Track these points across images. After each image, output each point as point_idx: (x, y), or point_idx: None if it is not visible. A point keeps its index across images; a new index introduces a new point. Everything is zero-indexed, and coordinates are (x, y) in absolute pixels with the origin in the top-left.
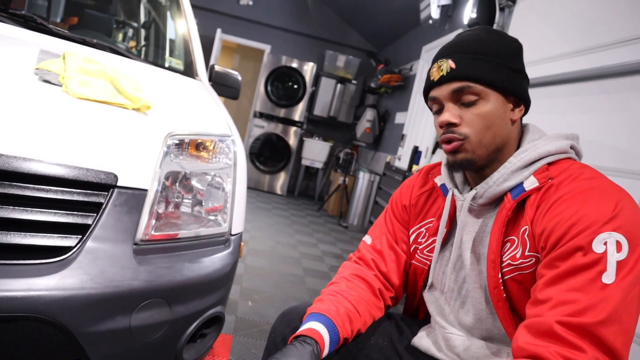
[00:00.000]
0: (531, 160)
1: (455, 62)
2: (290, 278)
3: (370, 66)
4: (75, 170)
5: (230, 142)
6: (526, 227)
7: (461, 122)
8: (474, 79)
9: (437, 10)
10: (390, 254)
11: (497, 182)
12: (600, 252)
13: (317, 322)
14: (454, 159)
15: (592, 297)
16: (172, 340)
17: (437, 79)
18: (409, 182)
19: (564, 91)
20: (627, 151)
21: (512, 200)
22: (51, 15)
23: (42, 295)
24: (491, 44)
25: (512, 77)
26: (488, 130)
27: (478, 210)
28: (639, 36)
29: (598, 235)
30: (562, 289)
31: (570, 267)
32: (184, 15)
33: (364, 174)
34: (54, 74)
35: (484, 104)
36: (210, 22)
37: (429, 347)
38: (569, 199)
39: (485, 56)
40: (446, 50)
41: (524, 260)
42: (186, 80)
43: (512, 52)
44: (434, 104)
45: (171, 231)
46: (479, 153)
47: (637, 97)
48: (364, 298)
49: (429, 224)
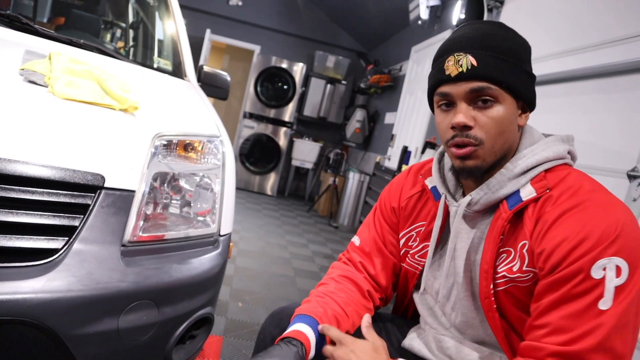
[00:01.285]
0: (529, 167)
1: (476, 59)
2: (281, 279)
3: (360, 67)
4: (62, 171)
5: (219, 142)
6: (525, 242)
7: (475, 125)
8: (495, 80)
9: (426, 11)
10: (378, 257)
11: (494, 189)
12: (599, 278)
13: (304, 324)
14: (462, 164)
15: (586, 324)
16: (161, 341)
17: (455, 74)
18: (398, 182)
19: (553, 91)
20: (617, 151)
21: (509, 210)
22: (37, 15)
23: (28, 298)
24: (511, 42)
25: (527, 81)
26: (501, 136)
27: (472, 216)
28: (627, 36)
29: (598, 262)
30: (558, 316)
31: (568, 293)
32: (172, 15)
33: (354, 174)
34: (40, 74)
35: (499, 107)
36: (200, 22)
37: (420, 348)
38: (570, 217)
39: (506, 56)
40: (463, 43)
41: (522, 275)
42: (174, 81)
43: (527, 53)
44: (442, 99)
45: (159, 232)
46: (488, 160)
47: (626, 96)
48: (352, 299)
49: (420, 228)
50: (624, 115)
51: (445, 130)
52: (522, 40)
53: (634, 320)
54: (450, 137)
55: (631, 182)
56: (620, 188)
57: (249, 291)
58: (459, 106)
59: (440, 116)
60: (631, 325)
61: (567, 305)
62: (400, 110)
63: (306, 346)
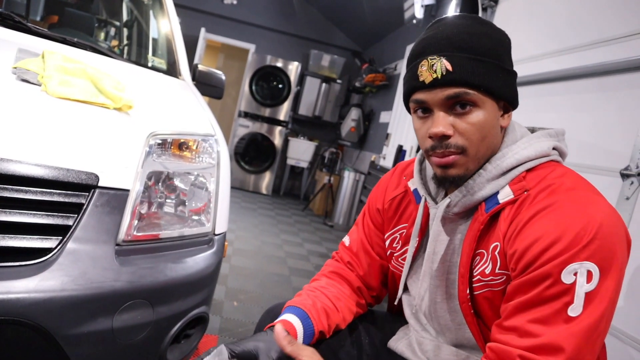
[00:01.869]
0: (508, 167)
1: (451, 64)
2: (276, 278)
3: (355, 65)
4: (55, 170)
5: (214, 141)
6: (497, 244)
7: (454, 132)
8: (472, 84)
9: (421, 10)
10: (366, 258)
11: (472, 191)
12: (569, 283)
13: (292, 315)
14: (444, 174)
15: (555, 331)
16: (155, 341)
17: (430, 81)
18: (383, 182)
19: (546, 91)
20: (610, 149)
21: (485, 213)
22: (30, 13)
23: (21, 298)
24: (487, 40)
25: (507, 81)
26: (483, 141)
27: (452, 219)
28: (620, 35)
29: (568, 266)
30: (527, 319)
31: (537, 297)
32: (166, 14)
33: (349, 173)
34: (33, 73)
35: (478, 112)
36: (194, 21)
37: (404, 350)
38: (544, 217)
39: (482, 56)
40: (436, 45)
41: (495, 277)
42: (169, 79)
43: (506, 49)
44: (418, 106)
45: (154, 231)
46: (471, 168)
47: (618, 95)
48: (343, 295)
49: (402, 230)
50: (617, 114)
51: (423, 138)
52: (499, 35)
53: (604, 329)
54: (429, 147)
55: (624, 180)
56: (614, 187)
57: (244, 290)
58: (436, 114)
59: (417, 122)
60: (601, 336)
61: (536, 309)
62: (395, 109)
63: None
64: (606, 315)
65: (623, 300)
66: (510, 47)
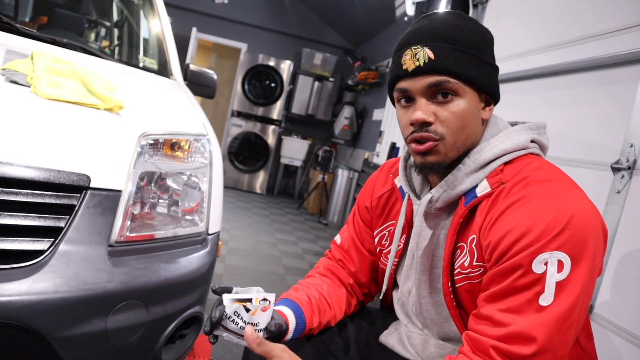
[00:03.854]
0: (486, 160)
1: (434, 52)
2: (271, 277)
3: (347, 63)
4: (46, 172)
5: (206, 141)
6: (474, 237)
7: (435, 120)
8: (454, 73)
9: (412, 7)
10: (357, 255)
11: (452, 186)
12: (540, 273)
13: (286, 307)
14: (423, 160)
15: (526, 320)
16: (150, 341)
17: (412, 69)
18: (372, 180)
19: (537, 86)
20: (600, 144)
21: (464, 206)
22: (19, 14)
23: (13, 301)
24: (469, 33)
25: (488, 73)
26: (462, 130)
27: (435, 214)
28: (610, 30)
29: (539, 255)
30: (500, 308)
31: (510, 287)
32: (157, 14)
33: (343, 171)
34: (22, 74)
35: (459, 101)
36: (186, 21)
37: (394, 345)
38: (517, 208)
39: (465, 47)
40: (421, 36)
41: (472, 270)
42: (160, 79)
43: (488, 44)
44: (402, 95)
45: (147, 232)
46: (450, 155)
47: (605, 90)
48: (335, 292)
49: (390, 227)
50: (608, 108)
51: (405, 126)
52: (482, 31)
53: (578, 318)
54: (409, 133)
55: (615, 174)
56: (605, 180)
57: None
58: (418, 102)
59: (400, 112)
60: (574, 325)
61: (508, 299)
62: (388, 106)
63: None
64: (579, 304)
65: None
66: (493, 43)
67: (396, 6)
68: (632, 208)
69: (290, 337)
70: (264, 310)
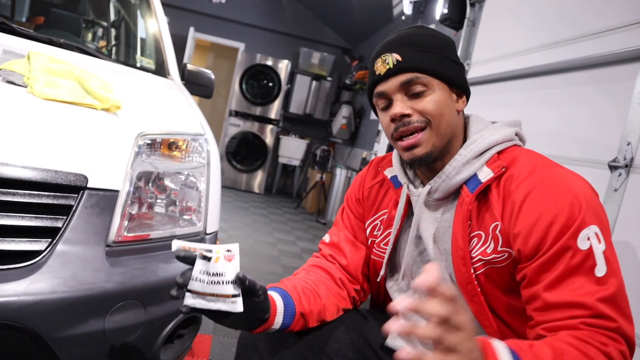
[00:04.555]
0: (481, 150)
1: (400, 55)
2: (270, 276)
3: (345, 63)
4: (44, 172)
5: (203, 140)
6: (497, 224)
7: (413, 113)
8: (421, 69)
9: (410, 6)
10: (349, 247)
11: (450, 175)
12: (587, 249)
13: (272, 291)
14: (411, 155)
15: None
16: (148, 341)
17: (384, 72)
18: (360, 176)
19: (534, 84)
20: (597, 142)
21: (471, 193)
22: (15, 14)
23: (10, 301)
24: (430, 38)
25: (453, 68)
26: (442, 117)
27: (435, 204)
28: (603, 29)
29: (580, 233)
30: (565, 292)
31: (566, 270)
32: (154, 13)
33: (341, 170)
34: (19, 74)
35: (432, 93)
36: (183, 20)
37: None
38: (537, 195)
39: (427, 48)
40: (388, 46)
41: (497, 256)
42: (158, 79)
43: (449, 45)
44: (380, 100)
45: (145, 232)
46: (436, 144)
47: (602, 88)
48: (324, 283)
49: (383, 216)
50: (605, 107)
51: (387, 125)
52: (443, 36)
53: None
54: (393, 131)
55: (612, 172)
56: (602, 179)
57: None
58: (395, 100)
59: (381, 115)
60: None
61: (568, 281)
62: None
63: (272, 307)
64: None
65: None
66: (454, 46)
67: (393, 5)
68: (629, 206)
69: (281, 319)
70: (229, 260)
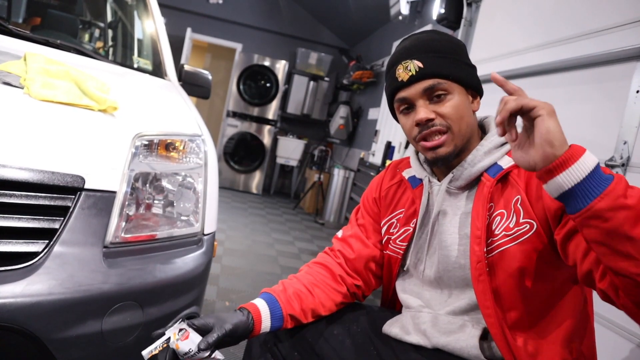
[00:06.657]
0: (502, 142)
1: (422, 62)
2: (268, 277)
3: (342, 63)
4: (41, 173)
5: (201, 141)
6: (518, 197)
7: (436, 117)
8: (442, 75)
9: (407, 6)
10: (358, 243)
11: (472, 164)
12: None
13: (260, 299)
14: (435, 154)
15: None
16: (146, 342)
17: (407, 79)
18: (378, 177)
19: (531, 84)
20: (594, 141)
21: (492, 178)
22: (12, 15)
23: (7, 303)
24: (446, 43)
25: (469, 71)
26: (462, 120)
27: (455, 193)
28: (600, 29)
29: None
30: None
31: None
32: (151, 14)
33: (339, 170)
34: (15, 75)
35: (452, 97)
36: (180, 21)
37: (397, 332)
38: None
39: (445, 54)
40: (407, 52)
41: (519, 228)
42: (155, 80)
43: (463, 50)
44: (402, 104)
45: (142, 233)
46: (458, 144)
47: (599, 87)
48: (320, 281)
49: (400, 215)
50: (601, 106)
51: (410, 129)
52: (456, 40)
53: None
54: (417, 134)
55: None
56: None
57: (235, 290)
58: (418, 105)
59: (403, 119)
60: None
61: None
62: (384, 105)
63: (254, 316)
64: None
65: None
66: (466, 50)
67: (390, 5)
68: None
69: (268, 324)
70: (186, 338)
